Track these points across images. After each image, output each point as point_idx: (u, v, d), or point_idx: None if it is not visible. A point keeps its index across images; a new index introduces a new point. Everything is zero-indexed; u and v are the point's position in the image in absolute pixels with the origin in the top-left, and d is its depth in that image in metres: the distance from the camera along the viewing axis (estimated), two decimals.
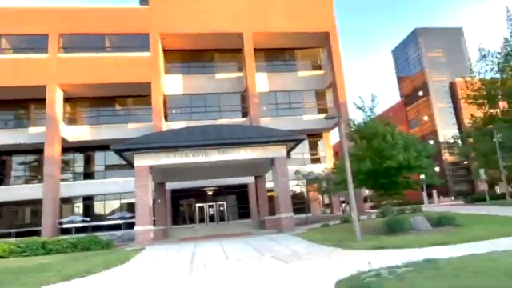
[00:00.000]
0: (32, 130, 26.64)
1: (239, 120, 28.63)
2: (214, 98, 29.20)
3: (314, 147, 30.85)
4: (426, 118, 51.54)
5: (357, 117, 17.64)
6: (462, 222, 11.80)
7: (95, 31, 26.66)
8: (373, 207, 28.98)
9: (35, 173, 27.95)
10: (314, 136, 29.33)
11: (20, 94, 26.44)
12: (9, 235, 24.61)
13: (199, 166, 19.28)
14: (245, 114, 28.70)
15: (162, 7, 27.50)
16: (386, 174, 13.20)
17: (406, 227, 11.29)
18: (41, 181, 25.46)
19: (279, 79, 30.02)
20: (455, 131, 42.65)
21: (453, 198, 40.73)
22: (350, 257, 8.03)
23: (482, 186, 34.68)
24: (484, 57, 24.26)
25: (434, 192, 37.86)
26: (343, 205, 31.20)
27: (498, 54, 23.62)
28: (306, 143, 28.71)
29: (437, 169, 33.00)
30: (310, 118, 29.17)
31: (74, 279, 7.61)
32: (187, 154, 16.82)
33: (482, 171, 25.01)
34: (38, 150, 25.96)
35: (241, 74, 29.66)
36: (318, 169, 26.97)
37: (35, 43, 26.30)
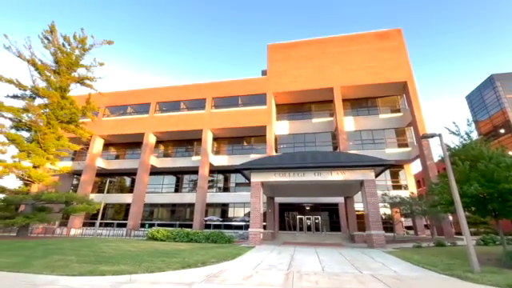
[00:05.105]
0: (194, 158, 30.98)
1: None
2: (310, 137, 30.07)
3: (395, 176, 28.91)
4: (511, 152, 41.55)
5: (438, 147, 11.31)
6: None
7: (232, 94, 30.82)
8: (457, 233, 24.65)
9: (194, 186, 31.44)
10: (395, 166, 27.58)
11: (189, 136, 31.76)
12: (174, 225, 28.28)
13: (298, 185, 18.85)
14: (335, 148, 28.59)
15: (274, 76, 30.28)
16: (500, 198, 9.57)
17: None
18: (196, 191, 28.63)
19: (363, 121, 29.47)
20: None
21: None
22: None
23: None
24: None
25: None
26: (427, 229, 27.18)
27: None
28: (387, 172, 27.51)
29: None
30: (392, 152, 27.38)
31: (191, 268, 7.61)
32: (289, 174, 16.72)
33: None
34: (196, 171, 29.65)
35: (331, 119, 30.00)
36: (401, 194, 24.40)
37: (198, 104, 31.42)
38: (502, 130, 42.65)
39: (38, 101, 20.08)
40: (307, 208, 28.42)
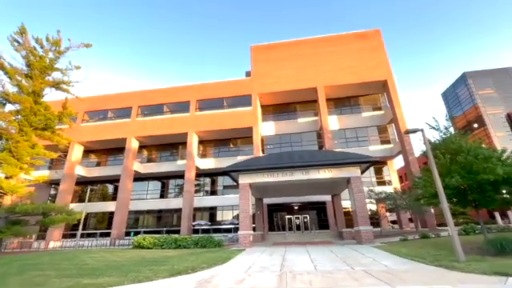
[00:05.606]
0: (179, 162, 30.55)
1: None
2: (296, 136, 30.33)
3: (379, 172, 29.65)
4: (483, 146, 44.17)
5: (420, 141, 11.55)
6: None
7: (217, 96, 30.45)
8: (438, 225, 25.58)
9: (180, 190, 30.83)
10: (379, 163, 28.17)
11: (173, 139, 31.11)
12: (161, 232, 27.39)
13: (287, 185, 18.58)
14: (320, 147, 28.89)
15: (258, 77, 30.41)
16: (479, 189, 9.89)
17: None
18: (182, 195, 28.24)
19: (346, 120, 30.07)
20: None
21: None
22: (475, 285, 5.09)
23: None
24: None
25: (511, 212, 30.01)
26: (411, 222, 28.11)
27: None
28: (372, 169, 27.91)
29: None
30: (375, 149, 28.11)
31: (181, 275, 7.25)
32: (277, 174, 16.50)
33: None
34: (181, 175, 29.20)
35: (316, 118, 30.38)
36: (386, 190, 24.89)
37: (182, 107, 30.81)
38: (476, 125, 44.99)
39: (9, 107, 18.85)
40: (295, 208, 28.46)
